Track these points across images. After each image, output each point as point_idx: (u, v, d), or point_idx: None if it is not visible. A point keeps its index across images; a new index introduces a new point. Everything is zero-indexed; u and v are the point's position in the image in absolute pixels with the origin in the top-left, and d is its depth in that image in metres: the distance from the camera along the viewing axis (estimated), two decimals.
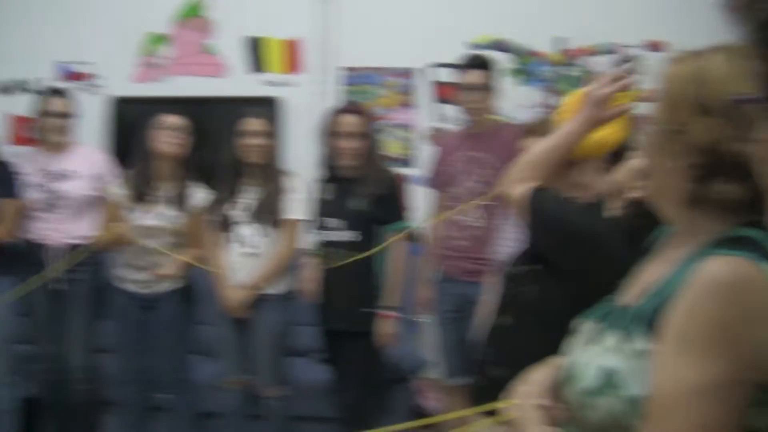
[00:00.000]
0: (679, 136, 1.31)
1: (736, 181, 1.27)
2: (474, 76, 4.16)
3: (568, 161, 2.27)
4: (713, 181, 1.29)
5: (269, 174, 4.11)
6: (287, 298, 4.16)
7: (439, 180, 4.36)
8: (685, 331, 1.20)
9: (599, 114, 2.16)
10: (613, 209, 2.18)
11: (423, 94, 5.58)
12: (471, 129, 4.24)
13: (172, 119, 4.23)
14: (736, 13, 0.80)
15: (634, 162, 2.12)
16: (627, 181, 2.12)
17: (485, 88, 4.15)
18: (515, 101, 4.97)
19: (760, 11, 0.76)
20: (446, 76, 5.01)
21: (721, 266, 1.20)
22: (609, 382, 1.30)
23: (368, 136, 3.94)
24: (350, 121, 3.90)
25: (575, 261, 2.15)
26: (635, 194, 2.08)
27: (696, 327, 1.19)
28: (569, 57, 4.95)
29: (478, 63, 4.19)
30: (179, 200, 4.23)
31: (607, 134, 2.17)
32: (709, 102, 1.28)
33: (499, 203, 3.93)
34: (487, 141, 4.15)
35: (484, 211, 4.08)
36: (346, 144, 3.88)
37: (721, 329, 1.17)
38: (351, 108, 4.06)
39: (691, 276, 1.23)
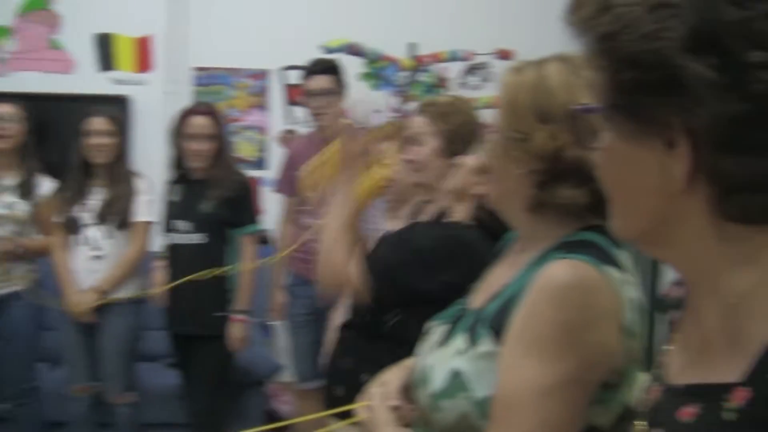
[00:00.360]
0: (521, 143, 1.34)
1: (577, 187, 1.32)
2: (319, 82, 4.15)
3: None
4: (555, 187, 1.33)
5: (116, 175, 4.01)
6: (136, 301, 4.06)
7: (288, 184, 4.34)
8: (528, 334, 1.23)
9: (359, 164, 2.23)
10: (459, 212, 2.22)
11: (276, 96, 5.57)
12: (322, 133, 4.23)
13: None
14: (576, 26, 0.85)
15: (469, 161, 2.18)
16: (467, 180, 2.16)
17: (330, 93, 4.13)
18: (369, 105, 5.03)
19: (599, 26, 0.80)
20: (298, 78, 5.01)
21: (562, 269, 1.24)
22: (457, 384, 1.32)
23: (218, 138, 3.89)
24: (200, 123, 3.84)
25: (455, 277, 2.15)
26: (478, 191, 2.13)
27: (539, 329, 1.22)
28: (421, 63, 5.03)
29: (322, 68, 4.18)
30: (23, 189, 4.07)
31: (377, 174, 2.22)
32: (550, 110, 1.32)
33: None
34: (327, 145, 4.14)
35: (319, 215, 4.07)
36: (196, 146, 3.83)
37: (563, 331, 1.20)
38: (201, 109, 3.99)
39: (534, 279, 1.26)
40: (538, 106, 1.33)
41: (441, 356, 1.39)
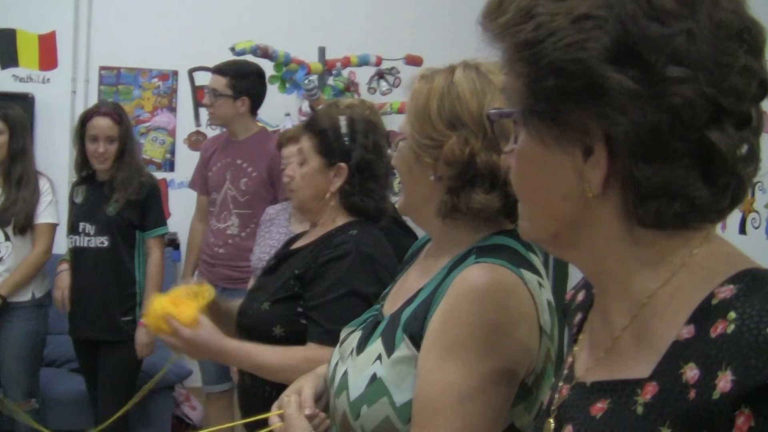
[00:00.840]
0: (433, 150, 1.36)
1: (489, 191, 1.34)
2: (211, 81, 4.10)
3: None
4: (468, 192, 1.35)
5: (14, 175, 3.91)
6: (39, 305, 3.97)
7: (200, 182, 4.32)
8: (448, 337, 1.25)
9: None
10: (329, 215, 2.21)
11: (184, 97, 5.52)
12: (230, 135, 4.19)
13: None
14: (494, 32, 0.86)
15: (312, 164, 2.17)
16: (322, 181, 2.16)
17: (215, 94, 4.06)
18: (279, 109, 5.02)
19: (520, 32, 0.82)
20: (207, 79, 4.97)
21: (480, 273, 1.26)
22: (377, 389, 1.33)
23: (122, 139, 3.80)
24: (102, 124, 3.75)
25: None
26: (336, 186, 2.16)
27: (458, 332, 1.24)
28: (331, 67, 5.05)
29: (217, 68, 4.12)
30: None
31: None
32: (460, 116, 1.34)
33: (255, 211, 3.95)
34: (245, 148, 4.12)
35: (240, 218, 4.07)
36: (99, 147, 3.75)
37: (483, 333, 1.22)
38: (104, 110, 3.86)
39: (452, 284, 1.28)
40: (448, 112, 1.35)
41: (359, 363, 1.40)
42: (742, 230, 4.02)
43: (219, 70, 4.11)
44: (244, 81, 4.09)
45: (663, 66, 0.78)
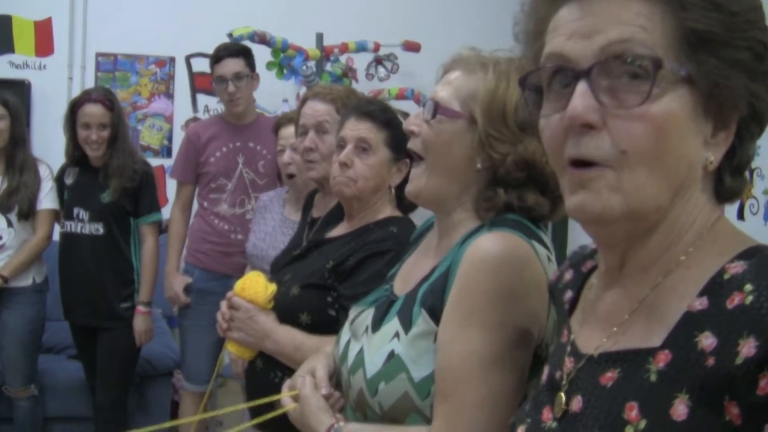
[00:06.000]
0: (501, 144, 1.38)
1: (542, 194, 1.39)
2: (229, 66, 3.97)
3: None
4: (525, 191, 1.39)
5: (15, 161, 3.90)
6: (37, 291, 3.97)
7: (187, 170, 4.15)
8: (465, 306, 1.26)
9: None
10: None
11: (181, 83, 5.50)
12: (233, 119, 4.09)
13: None
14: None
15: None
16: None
17: (242, 77, 3.97)
18: (276, 95, 5.01)
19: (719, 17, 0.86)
20: (203, 66, 4.96)
21: (494, 241, 1.28)
22: (395, 366, 1.34)
23: (114, 126, 3.76)
24: (94, 111, 3.72)
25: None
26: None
27: (475, 301, 1.25)
28: (329, 53, 5.04)
29: (230, 52, 4.01)
30: None
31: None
32: (535, 125, 1.36)
33: (252, 196, 3.93)
34: (255, 131, 4.06)
35: (239, 203, 4.03)
36: (93, 134, 3.72)
37: (499, 300, 1.24)
38: (95, 96, 3.80)
39: (465, 252, 1.29)
40: (527, 118, 1.36)
41: (375, 341, 1.41)
42: (740, 216, 4.03)
43: (232, 54, 3.99)
44: (250, 57, 4.06)
45: None
